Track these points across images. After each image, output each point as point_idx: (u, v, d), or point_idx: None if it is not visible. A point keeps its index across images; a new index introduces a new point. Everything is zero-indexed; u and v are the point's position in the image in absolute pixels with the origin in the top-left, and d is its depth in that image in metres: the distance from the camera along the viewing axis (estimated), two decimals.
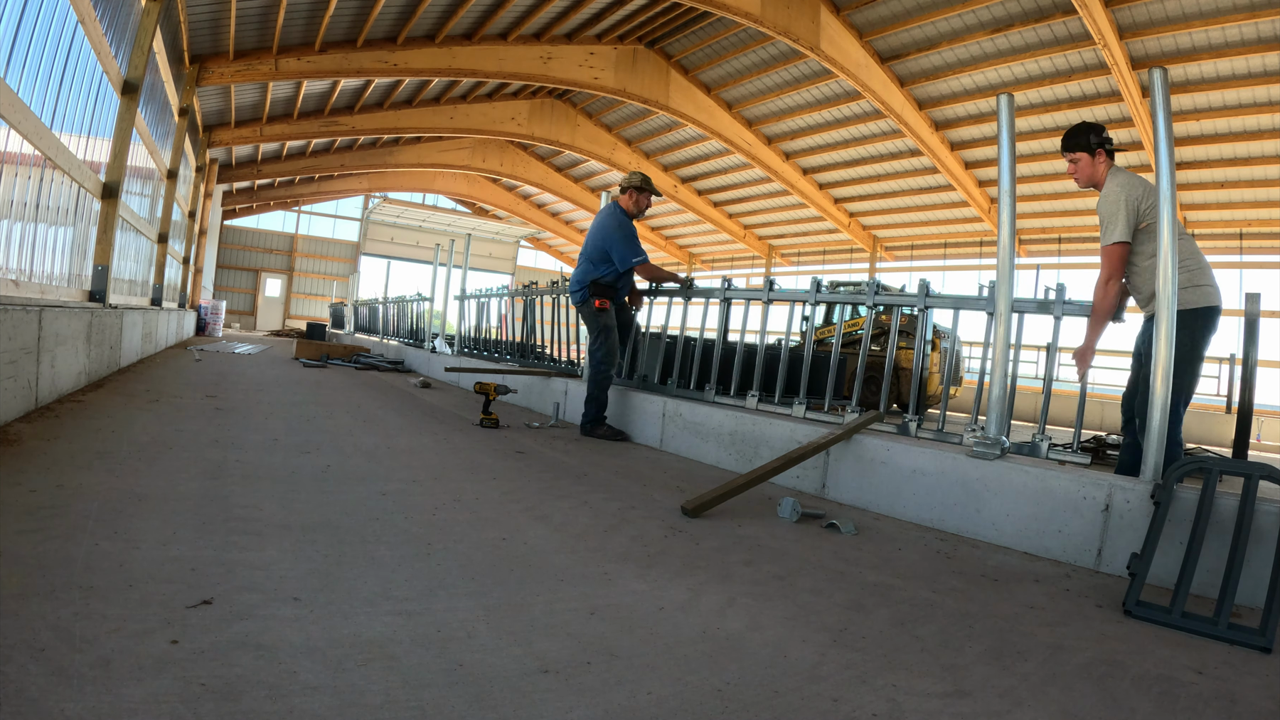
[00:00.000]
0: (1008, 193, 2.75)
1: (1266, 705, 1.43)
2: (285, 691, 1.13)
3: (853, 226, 17.57)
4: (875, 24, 11.55)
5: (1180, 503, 2.13)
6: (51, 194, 4.60)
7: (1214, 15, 9.29)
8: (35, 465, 2.32)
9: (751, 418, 3.66)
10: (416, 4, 10.59)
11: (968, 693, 1.37)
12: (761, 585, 1.90)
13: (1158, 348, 2.42)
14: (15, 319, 2.94)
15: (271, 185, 21.38)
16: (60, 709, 1.01)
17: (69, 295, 5.05)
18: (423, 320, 10.11)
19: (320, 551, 1.81)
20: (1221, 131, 11.07)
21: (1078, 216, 14.26)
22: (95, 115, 5.65)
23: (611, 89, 13.59)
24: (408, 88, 14.44)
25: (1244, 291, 10.09)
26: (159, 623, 1.31)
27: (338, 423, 4.08)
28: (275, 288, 25.15)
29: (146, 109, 7.49)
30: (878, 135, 14.25)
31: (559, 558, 1.98)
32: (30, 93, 3.99)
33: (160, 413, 3.74)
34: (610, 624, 1.54)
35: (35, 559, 1.54)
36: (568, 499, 2.69)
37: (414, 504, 2.39)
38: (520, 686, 1.23)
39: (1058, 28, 10.34)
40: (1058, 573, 2.24)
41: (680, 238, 22.95)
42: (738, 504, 2.86)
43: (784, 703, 1.27)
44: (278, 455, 2.96)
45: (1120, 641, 1.70)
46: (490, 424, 4.43)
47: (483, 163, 19.63)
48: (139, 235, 8.23)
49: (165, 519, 1.93)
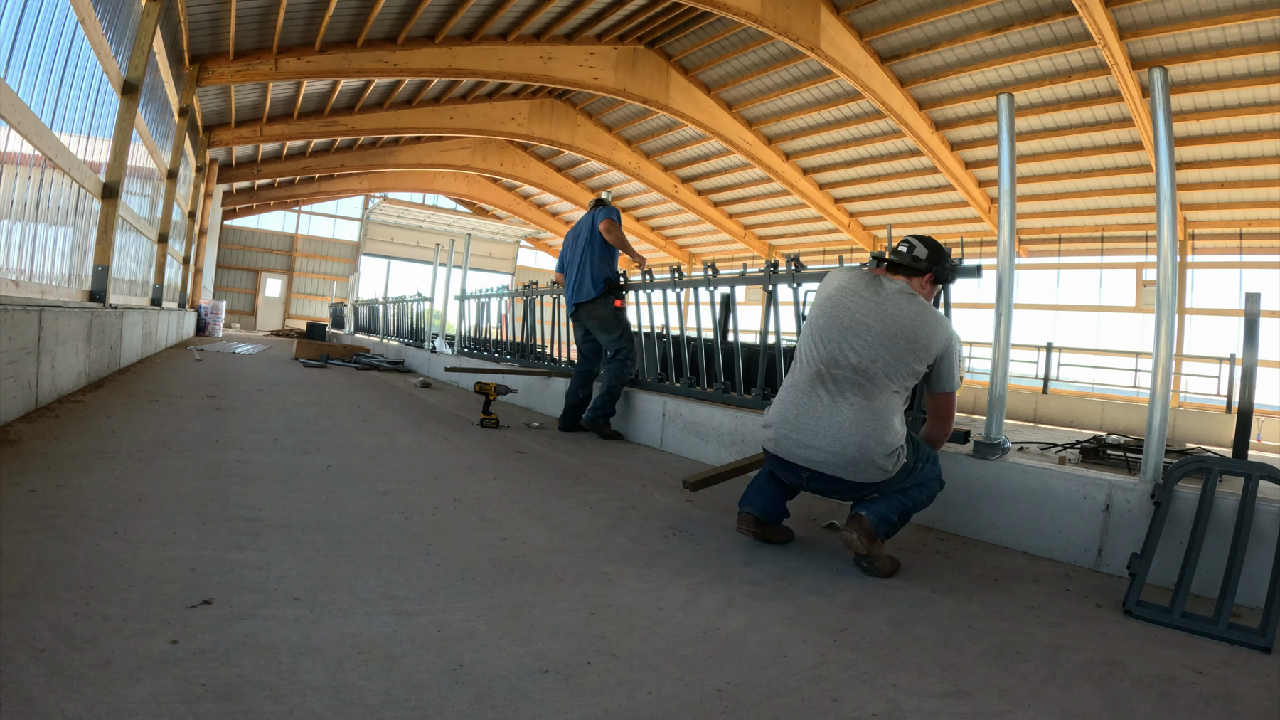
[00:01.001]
0: (1008, 193, 2.75)
1: (1266, 705, 1.43)
2: (285, 691, 1.13)
3: (852, 226, 17.56)
4: (875, 24, 11.54)
5: (1180, 503, 2.13)
6: (51, 194, 4.60)
7: (1214, 15, 9.29)
8: (35, 465, 2.32)
9: (753, 417, 3.66)
10: (416, 4, 10.58)
11: (968, 693, 1.37)
12: (761, 585, 1.90)
13: (1158, 347, 2.42)
14: (15, 319, 2.94)
15: (271, 185, 21.37)
16: (60, 709, 1.01)
17: (69, 295, 5.05)
18: (423, 320, 10.11)
19: (320, 551, 1.81)
20: (1221, 131, 11.07)
21: (1078, 216, 14.27)
22: (95, 115, 5.65)
23: (611, 89, 13.59)
24: (408, 88, 14.43)
25: (1244, 291, 10.11)
26: (159, 623, 1.31)
27: (338, 422, 4.08)
28: (275, 288, 25.14)
29: (146, 109, 7.49)
30: (878, 135, 14.25)
31: (559, 558, 1.98)
32: (30, 93, 3.98)
33: (160, 413, 3.74)
34: (610, 624, 1.54)
35: (35, 559, 1.54)
36: (568, 499, 2.69)
37: (414, 504, 2.39)
38: (520, 686, 1.23)
39: (1058, 28, 10.34)
40: (1058, 573, 2.24)
41: (680, 238, 22.95)
42: (737, 504, 2.86)
43: (784, 702, 1.27)
44: (278, 455, 2.96)
45: (1120, 641, 1.70)
46: (490, 424, 4.43)
47: (483, 163, 19.62)
48: (139, 235, 8.23)
49: (165, 519, 1.93)
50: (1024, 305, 15.34)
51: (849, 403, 2.12)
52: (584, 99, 16.67)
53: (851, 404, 2.12)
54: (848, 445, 2.09)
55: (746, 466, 2.83)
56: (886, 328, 2.18)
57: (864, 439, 2.08)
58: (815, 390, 2.18)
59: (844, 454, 2.10)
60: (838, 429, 2.11)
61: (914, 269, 2.32)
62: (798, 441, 2.16)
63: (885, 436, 2.09)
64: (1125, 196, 13.18)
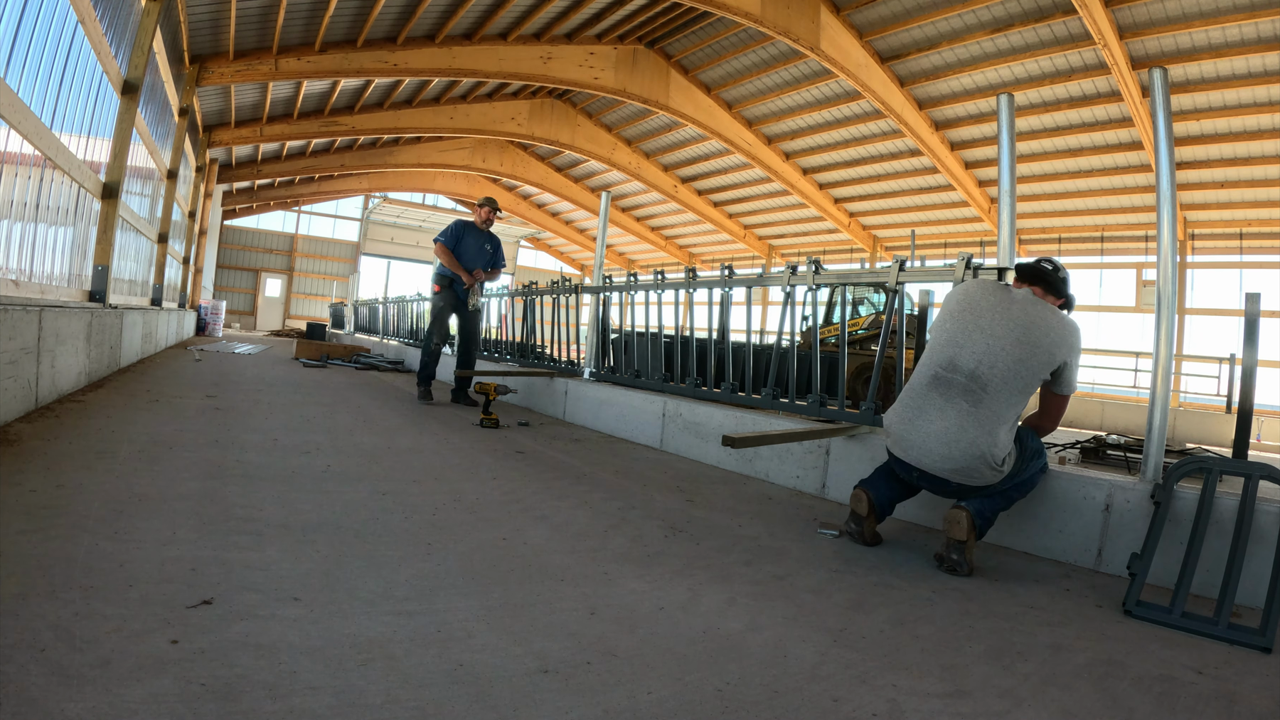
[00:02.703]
0: (1008, 193, 2.75)
1: (1266, 705, 1.42)
2: (285, 691, 1.13)
3: (852, 226, 17.57)
4: (875, 24, 11.54)
5: (1180, 503, 2.13)
6: (51, 194, 4.60)
7: (1214, 15, 9.29)
8: (35, 465, 2.32)
9: (753, 417, 3.66)
10: (416, 4, 10.59)
11: (968, 693, 1.37)
12: (761, 585, 1.90)
13: (1158, 347, 2.42)
14: (15, 319, 2.94)
15: (271, 185, 21.37)
16: (60, 709, 1.01)
17: (69, 295, 5.04)
18: (423, 320, 10.10)
19: (320, 551, 1.81)
20: (1221, 131, 11.07)
21: (1078, 216, 14.27)
22: (95, 115, 5.65)
23: (611, 89, 13.59)
24: (408, 88, 14.44)
25: (1244, 291, 10.10)
26: (159, 623, 1.31)
27: (338, 422, 4.08)
28: (275, 288, 25.14)
29: (146, 109, 7.49)
30: (878, 135, 14.25)
31: (559, 558, 1.98)
32: (30, 93, 3.98)
33: (160, 413, 3.74)
34: (610, 624, 1.54)
35: (35, 559, 1.54)
36: (568, 499, 2.69)
37: (414, 504, 2.39)
38: (520, 686, 1.23)
39: (1058, 28, 10.34)
40: (1058, 573, 2.24)
41: (680, 238, 22.95)
42: (738, 504, 2.86)
43: (784, 703, 1.27)
44: (278, 455, 2.96)
45: (1120, 641, 1.70)
46: (490, 424, 4.43)
47: (483, 163, 19.63)
48: (139, 235, 8.23)
49: (165, 519, 1.93)
50: None
51: (956, 409, 2.18)
52: (584, 99, 16.67)
53: (959, 410, 2.17)
54: (953, 451, 2.16)
55: (791, 435, 2.86)
56: (1011, 332, 2.21)
57: (968, 446, 2.15)
58: (930, 393, 2.25)
59: (950, 458, 2.17)
60: (945, 433, 2.18)
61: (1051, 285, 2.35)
62: (910, 443, 2.25)
63: (990, 448, 2.14)
64: (1125, 196, 13.18)
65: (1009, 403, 2.18)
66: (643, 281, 4.80)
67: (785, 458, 3.37)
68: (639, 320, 5.11)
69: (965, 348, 2.23)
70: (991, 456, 2.14)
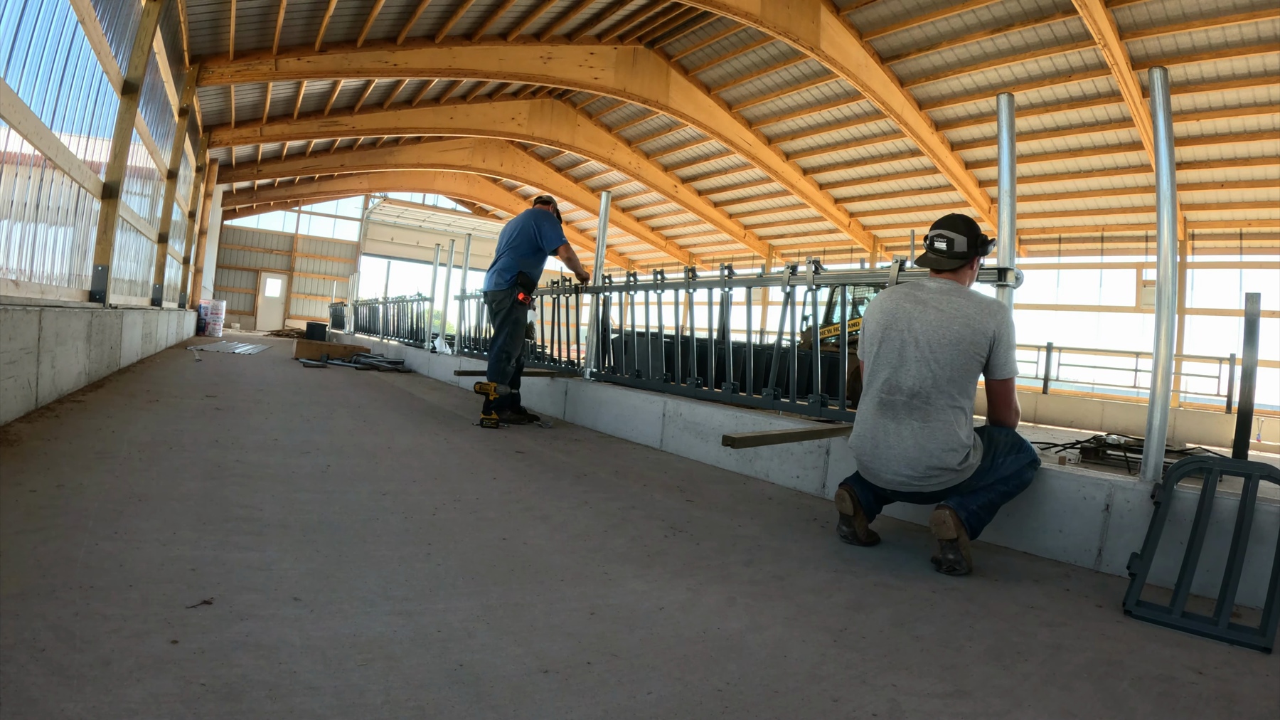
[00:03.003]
0: (1008, 193, 2.75)
1: (1266, 705, 1.42)
2: (285, 691, 1.13)
3: (853, 226, 17.56)
4: (875, 24, 11.54)
5: (1180, 503, 2.13)
6: (51, 194, 4.60)
7: (1214, 15, 9.29)
8: (35, 465, 2.32)
9: (753, 417, 3.66)
10: (416, 4, 10.58)
11: (968, 693, 1.37)
12: (761, 585, 1.90)
13: (1158, 347, 2.42)
14: (15, 319, 2.94)
15: (271, 185, 21.36)
16: (60, 709, 1.01)
17: (69, 295, 5.04)
18: (423, 320, 10.11)
19: (320, 551, 1.81)
20: (1221, 131, 11.06)
21: (1078, 216, 14.26)
22: (95, 115, 5.65)
23: (611, 89, 13.58)
24: (408, 88, 14.43)
25: (1244, 291, 10.10)
26: (159, 623, 1.31)
27: (337, 423, 4.08)
28: (275, 288, 25.13)
29: (146, 109, 7.49)
30: (878, 135, 14.25)
31: (559, 558, 1.98)
32: (30, 93, 3.98)
33: (160, 413, 3.74)
34: (610, 624, 1.54)
35: (35, 559, 1.54)
36: (568, 499, 2.69)
37: (414, 504, 2.39)
38: (520, 686, 1.23)
39: (1058, 28, 10.33)
40: (1058, 573, 2.24)
41: (680, 238, 22.95)
42: (737, 504, 2.86)
43: (784, 703, 1.27)
44: (278, 455, 2.96)
45: (1120, 641, 1.70)
46: (490, 424, 4.43)
47: (483, 163, 19.62)
48: (139, 235, 8.23)
49: (165, 519, 1.93)
50: (1024, 305, 15.32)
51: (910, 429, 2.22)
52: (584, 99, 16.66)
53: (913, 430, 2.21)
54: (917, 466, 2.21)
55: (792, 435, 2.86)
56: (934, 335, 2.22)
57: (929, 458, 2.19)
58: (881, 419, 2.28)
59: (915, 473, 2.22)
60: (905, 455, 2.22)
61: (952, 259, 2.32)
62: (875, 471, 2.30)
63: (949, 451, 2.18)
64: (1125, 196, 13.17)
65: (957, 400, 2.20)
66: (642, 281, 4.80)
67: (785, 458, 3.37)
68: (639, 320, 5.11)
69: (900, 368, 2.25)
70: (954, 455, 2.17)
